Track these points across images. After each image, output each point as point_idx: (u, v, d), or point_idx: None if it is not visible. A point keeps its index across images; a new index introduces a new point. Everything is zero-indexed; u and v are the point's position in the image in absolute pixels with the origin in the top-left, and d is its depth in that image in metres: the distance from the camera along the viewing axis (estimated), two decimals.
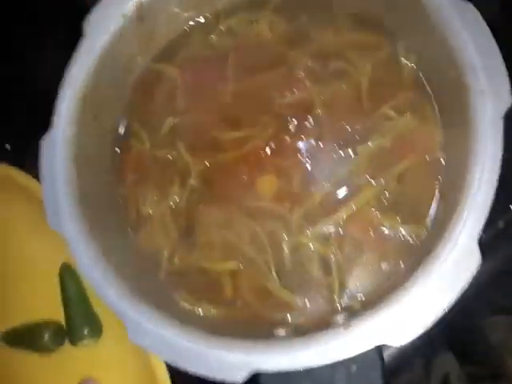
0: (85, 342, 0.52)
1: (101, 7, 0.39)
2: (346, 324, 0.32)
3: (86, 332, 0.51)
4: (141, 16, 0.41)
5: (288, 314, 0.39)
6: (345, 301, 0.38)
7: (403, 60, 0.41)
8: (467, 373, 0.47)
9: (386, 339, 0.32)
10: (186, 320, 0.37)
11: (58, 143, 0.38)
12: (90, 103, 0.40)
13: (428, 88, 0.40)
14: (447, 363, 0.47)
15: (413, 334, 0.32)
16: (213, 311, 0.40)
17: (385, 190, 0.40)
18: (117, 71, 0.42)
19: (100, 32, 0.39)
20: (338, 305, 0.38)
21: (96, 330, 0.52)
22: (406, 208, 0.39)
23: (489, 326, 0.48)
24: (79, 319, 0.52)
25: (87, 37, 0.39)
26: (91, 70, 0.39)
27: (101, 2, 0.39)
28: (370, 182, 0.40)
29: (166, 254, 0.42)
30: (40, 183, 0.39)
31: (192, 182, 0.42)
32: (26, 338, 0.53)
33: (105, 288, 0.36)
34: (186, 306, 0.40)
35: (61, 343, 0.53)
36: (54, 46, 0.55)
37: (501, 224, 0.47)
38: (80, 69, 0.39)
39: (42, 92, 0.51)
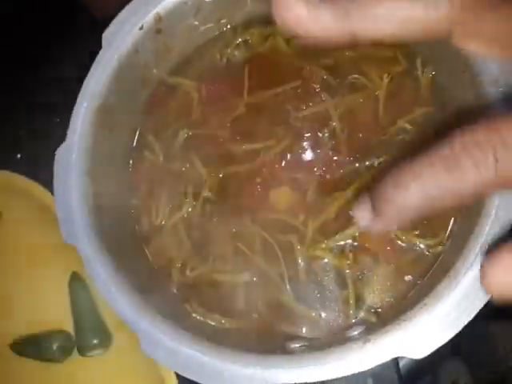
0: (94, 352, 0.51)
1: (119, 20, 0.40)
2: (364, 338, 0.32)
3: (95, 342, 0.51)
4: (159, 28, 0.41)
5: (303, 328, 0.39)
6: (361, 314, 0.38)
7: (420, 75, 0.41)
8: (476, 378, 0.47)
9: (405, 351, 0.31)
10: (199, 332, 0.37)
11: (73, 156, 0.38)
12: (105, 115, 0.40)
13: (446, 103, 0.40)
14: (456, 369, 0.47)
15: (432, 347, 0.31)
16: (225, 323, 0.40)
17: None
18: (133, 83, 0.42)
19: (118, 44, 0.39)
20: (353, 318, 0.38)
21: (105, 340, 0.52)
22: (423, 222, 0.39)
23: (495, 330, 0.47)
24: (88, 329, 0.52)
25: (105, 49, 0.39)
26: (108, 82, 0.39)
27: (119, 15, 0.40)
28: None
29: (178, 265, 0.42)
30: (52, 194, 0.40)
31: (205, 193, 0.42)
32: (35, 347, 0.53)
33: (119, 302, 0.36)
34: (198, 317, 0.40)
35: (69, 353, 0.53)
36: (68, 58, 0.55)
37: None
38: (97, 81, 0.39)
39: (57, 102, 0.51)
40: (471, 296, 0.31)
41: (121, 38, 0.40)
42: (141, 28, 0.40)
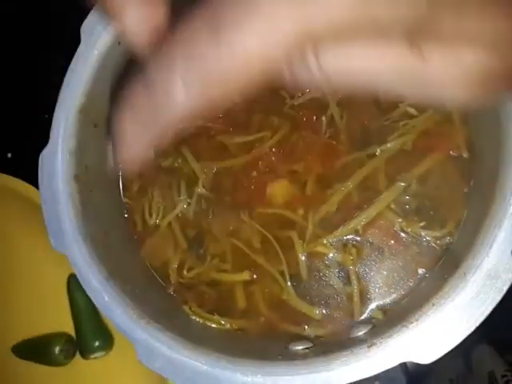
0: (96, 354, 0.50)
1: (96, 12, 0.37)
2: (370, 341, 0.30)
3: (96, 344, 0.50)
4: None
5: (305, 327, 0.37)
6: (366, 312, 0.36)
7: None
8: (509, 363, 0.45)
9: (412, 356, 0.30)
10: (197, 338, 0.35)
11: (58, 160, 0.36)
12: (89, 112, 0.37)
13: None
14: (488, 357, 0.44)
15: (442, 351, 0.29)
16: (225, 324, 0.38)
17: (406, 192, 0.37)
18: (116, 77, 0.40)
19: (96, 37, 0.37)
20: (358, 316, 0.36)
21: (107, 342, 0.50)
22: (429, 212, 0.37)
23: None
24: (90, 332, 0.51)
25: (84, 43, 0.37)
26: (90, 77, 0.37)
27: (95, 7, 0.37)
28: (389, 185, 0.38)
29: (174, 266, 0.40)
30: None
31: (200, 189, 0.40)
32: (37, 350, 0.52)
33: (113, 311, 0.34)
34: (197, 319, 0.39)
35: (72, 356, 0.52)
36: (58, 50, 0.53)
37: None
38: (78, 78, 0.37)
39: (44, 100, 0.49)
40: (483, 294, 0.29)
41: (99, 31, 0.37)
42: None
